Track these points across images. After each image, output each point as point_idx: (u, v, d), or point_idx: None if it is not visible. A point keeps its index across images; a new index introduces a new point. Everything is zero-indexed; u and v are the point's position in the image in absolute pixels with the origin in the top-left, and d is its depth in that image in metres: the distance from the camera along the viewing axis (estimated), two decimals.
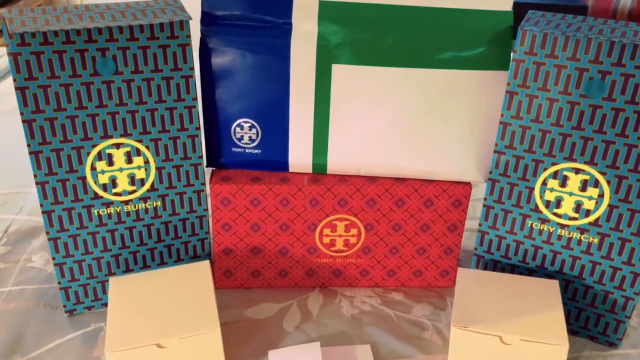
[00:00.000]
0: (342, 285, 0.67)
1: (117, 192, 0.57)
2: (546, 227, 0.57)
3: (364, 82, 0.57)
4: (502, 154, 0.56)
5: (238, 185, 0.60)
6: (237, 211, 0.61)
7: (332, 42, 0.56)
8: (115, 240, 0.59)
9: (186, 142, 0.58)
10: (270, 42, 0.57)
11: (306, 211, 0.62)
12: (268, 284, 0.66)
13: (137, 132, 0.56)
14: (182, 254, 0.63)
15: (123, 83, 0.53)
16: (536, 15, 0.54)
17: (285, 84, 0.58)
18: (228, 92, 0.59)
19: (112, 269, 0.61)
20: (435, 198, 0.62)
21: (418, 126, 0.59)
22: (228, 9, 0.57)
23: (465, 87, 0.57)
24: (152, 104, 0.55)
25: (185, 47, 0.54)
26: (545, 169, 0.55)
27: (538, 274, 0.60)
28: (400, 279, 0.67)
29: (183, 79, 0.55)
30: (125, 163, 0.56)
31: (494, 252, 0.61)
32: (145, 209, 0.59)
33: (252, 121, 0.60)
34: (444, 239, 0.64)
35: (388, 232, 0.63)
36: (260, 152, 0.61)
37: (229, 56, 0.57)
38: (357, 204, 0.61)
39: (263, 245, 0.63)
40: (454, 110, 0.58)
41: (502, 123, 0.55)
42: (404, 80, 0.57)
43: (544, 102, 0.53)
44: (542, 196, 0.56)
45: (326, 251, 0.64)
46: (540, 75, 0.52)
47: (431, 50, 0.56)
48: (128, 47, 0.52)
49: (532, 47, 0.51)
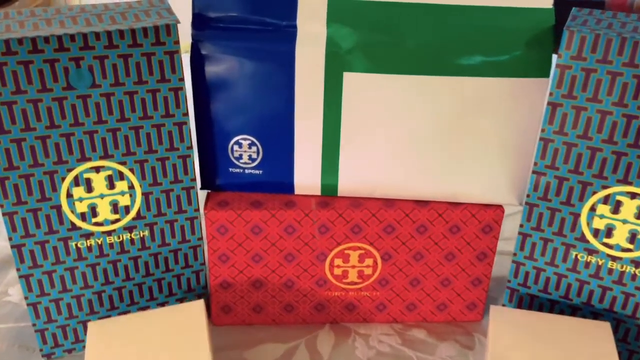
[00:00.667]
0: (356, 321, 0.59)
1: (98, 222, 0.50)
2: (594, 259, 0.49)
3: (380, 93, 0.50)
4: (542, 174, 0.48)
5: (236, 211, 0.52)
6: (235, 240, 0.54)
7: (343, 47, 0.49)
8: (97, 275, 0.52)
9: (176, 164, 0.50)
10: (272, 47, 0.49)
11: (314, 239, 0.54)
12: (272, 320, 0.58)
13: (119, 153, 0.48)
14: (174, 288, 0.56)
15: (101, 97, 0.46)
16: (583, 13, 0.47)
17: (289, 95, 0.50)
18: (224, 105, 0.51)
19: (94, 307, 0.53)
20: (462, 223, 0.54)
21: (443, 142, 0.51)
22: (223, 10, 0.50)
23: (498, 97, 0.49)
24: (136, 121, 0.48)
25: (173, 54, 0.46)
26: (594, 192, 0.47)
27: (583, 311, 0.52)
28: (421, 313, 0.59)
29: (171, 92, 0.48)
30: (106, 189, 0.49)
31: (530, 285, 0.53)
32: (131, 240, 0.52)
33: (252, 138, 0.52)
34: (471, 269, 0.56)
35: (408, 261, 0.56)
36: (262, 172, 0.54)
37: (225, 64, 0.50)
38: (372, 230, 0.54)
39: (266, 278, 0.56)
40: (484, 124, 0.50)
41: (542, 139, 0.47)
42: (426, 89, 0.49)
43: (595, 116, 0.45)
44: (589, 224, 0.48)
45: (337, 283, 0.57)
46: (590, 84, 0.44)
47: (458, 55, 0.48)
48: (106, 56, 0.45)
49: (580, 50, 0.43)
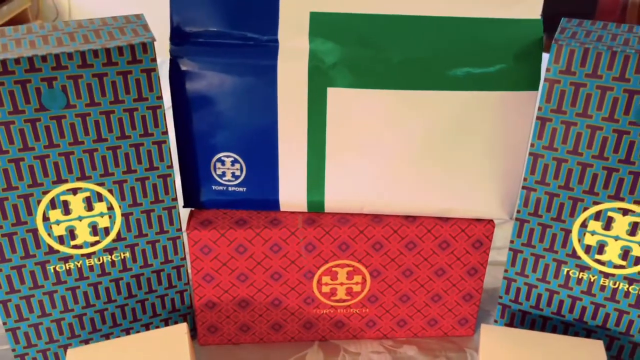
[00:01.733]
0: (345, 338, 0.58)
1: (77, 245, 0.49)
2: (586, 276, 0.48)
3: (365, 108, 0.48)
4: (532, 190, 0.47)
5: (220, 230, 0.51)
6: (219, 260, 0.52)
7: (326, 61, 0.47)
8: (77, 299, 0.51)
9: (157, 183, 0.49)
10: (254, 63, 0.48)
11: (301, 258, 0.53)
12: (259, 339, 0.57)
13: (97, 174, 0.47)
14: (158, 308, 0.54)
15: (77, 118, 0.44)
16: (572, 24, 0.45)
17: (272, 111, 0.49)
18: (205, 122, 0.50)
19: (75, 331, 0.52)
20: (452, 239, 0.53)
21: (430, 157, 0.50)
22: (202, 25, 0.48)
23: (486, 111, 0.48)
24: (114, 141, 0.46)
25: (150, 72, 0.45)
26: (585, 208, 0.46)
27: (576, 328, 0.51)
28: (412, 329, 0.58)
29: (149, 110, 0.46)
30: (84, 210, 0.48)
31: (522, 301, 0.52)
32: (112, 262, 0.50)
33: (235, 155, 0.51)
34: (462, 284, 0.55)
35: (397, 278, 0.54)
36: (246, 189, 0.52)
37: (205, 80, 0.48)
38: (360, 248, 0.52)
39: (252, 297, 0.54)
40: (472, 138, 0.49)
41: (532, 154, 0.46)
42: (412, 104, 0.48)
43: (585, 131, 0.43)
44: (581, 240, 0.47)
45: (326, 301, 0.55)
46: (580, 99, 0.43)
47: (444, 69, 0.47)
48: (80, 76, 0.43)
49: (569, 64, 0.42)
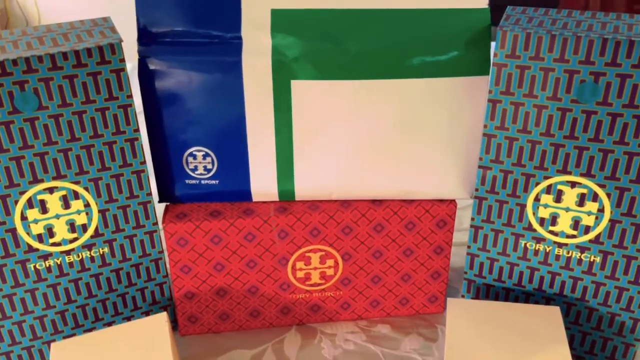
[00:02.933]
0: (321, 321, 0.60)
1: (56, 242, 0.50)
2: (542, 247, 0.51)
3: (328, 98, 0.51)
4: (488, 169, 0.50)
5: (195, 222, 0.53)
6: (196, 251, 0.54)
7: (289, 55, 0.50)
8: (58, 295, 0.52)
9: (131, 179, 0.51)
10: (219, 59, 0.50)
11: (275, 245, 0.55)
12: (239, 327, 0.59)
13: (72, 173, 0.48)
14: (139, 301, 0.56)
15: (50, 119, 0.46)
16: (516, 11, 0.48)
17: (239, 105, 0.51)
18: (175, 118, 0.52)
19: (58, 327, 0.53)
20: (417, 220, 0.55)
21: (393, 142, 0.52)
22: (168, 25, 0.50)
23: (442, 97, 0.51)
24: (87, 140, 0.48)
25: (119, 72, 0.47)
26: (537, 183, 0.49)
27: (536, 297, 0.54)
28: (385, 309, 0.60)
29: (121, 109, 0.48)
30: (61, 209, 0.49)
31: (485, 275, 0.55)
32: (91, 258, 0.52)
33: (206, 149, 0.53)
34: (430, 263, 0.58)
35: (368, 260, 0.57)
36: (218, 182, 0.55)
37: (174, 78, 0.50)
38: (331, 232, 0.55)
39: (229, 286, 0.57)
40: (431, 123, 0.52)
41: (485, 135, 0.49)
42: (373, 93, 0.50)
43: (532, 110, 0.47)
44: (535, 213, 0.50)
45: (301, 286, 0.58)
46: (526, 81, 0.46)
47: (401, 58, 0.50)
48: (51, 78, 0.45)
49: (514, 49, 0.45)
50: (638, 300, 0.50)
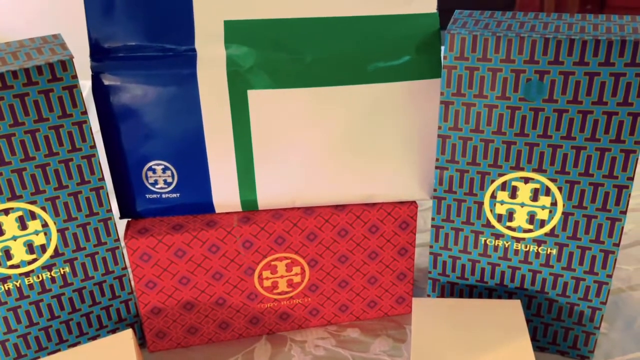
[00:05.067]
0: (291, 329, 0.60)
1: (14, 264, 0.49)
2: (501, 243, 0.53)
3: (285, 107, 0.51)
4: (444, 169, 0.51)
5: (157, 237, 0.53)
6: (160, 266, 0.54)
7: (243, 65, 0.50)
8: (19, 318, 0.51)
9: (90, 196, 0.50)
10: (174, 72, 0.50)
11: (240, 255, 0.55)
12: (208, 340, 0.59)
13: (27, 193, 0.48)
14: (104, 320, 0.55)
15: (1, 139, 0.45)
16: (463, 15, 0.50)
17: (197, 117, 0.51)
18: (132, 133, 0.51)
19: (21, 351, 0.52)
20: (380, 222, 0.56)
21: (351, 148, 0.53)
22: (121, 40, 0.50)
23: (396, 101, 0.52)
24: (42, 159, 0.47)
25: (72, 89, 0.46)
26: (492, 181, 0.50)
27: (499, 292, 0.55)
28: (354, 312, 0.61)
29: (75, 126, 0.48)
30: (18, 230, 0.48)
31: (449, 273, 0.56)
32: (52, 278, 0.51)
33: (165, 162, 0.53)
34: (395, 265, 0.59)
35: (334, 265, 0.58)
36: (179, 195, 0.54)
37: (129, 93, 0.50)
38: (296, 240, 0.55)
39: (196, 299, 0.56)
40: (388, 127, 0.53)
41: (440, 136, 0.50)
42: (328, 100, 0.51)
43: (483, 110, 0.48)
44: (492, 210, 0.51)
45: (269, 295, 0.58)
46: (475, 81, 0.47)
47: (355, 65, 0.50)
48: (1, 98, 0.44)
49: (462, 51, 0.46)
50: (594, 290, 0.52)
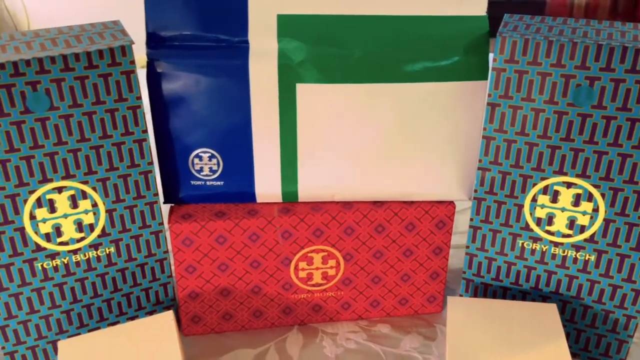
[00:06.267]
0: (322, 321, 0.61)
1: (63, 241, 0.51)
2: (539, 246, 0.53)
3: (332, 102, 0.52)
4: (486, 170, 0.52)
5: (200, 222, 0.54)
6: (201, 251, 0.55)
7: (294, 59, 0.51)
8: (64, 294, 0.53)
9: (138, 180, 0.51)
10: (226, 63, 0.51)
11: (278, 245, 0.56)
12: (241, 327, 0.60)
13: (81, 172, 0.49)
14: (143, 301, 0.57)
15: (60, 119, 0.47)
16: (514, 19, 0.50)
17: (245, 107, 0.52)
18: (182, 120, 0.53)
19: (63, 326, 0.54)
20: (417, 221, 0.57)
21: (394, 145, 0.54)
22: (176, 29, 0.51)
23: (442, 101, 0.52)
24: (97, 141, 0.49)
25: (129, 74, 0.48)
26: (534, 184, 0.51)
27: (532, 295, 0.56)
28: (385, 308, 0.62)
29: (130, 110, 0.49)
30: (70, 208, 0.50)
31: (484, 274, 0.57)
32: (97, 257, 0.53)
33: (212, 151, 0.54)
34: (429, 263, 0.59)
35: (369, 260, 0.58)
36: (223, 183, 0.56)
37: (181, 81, 0.52)
38: (333, 233, 0.56)
39: (233, 286, 0.57)
40: (431, 126, 0.53)
41: (484, 137, 0.51)
42: (375, 97, 0.52)
43: (529, 113, 0.48)
44: (532, 213, 0.52)
45: (303, 286, 0.59)
46: (524, 85, 0.48)
47: (403, 63, 0.51)
48: (63, 79, 0.46)
49: (512, 54, 0.47)
50: (631, 298, 0.52)
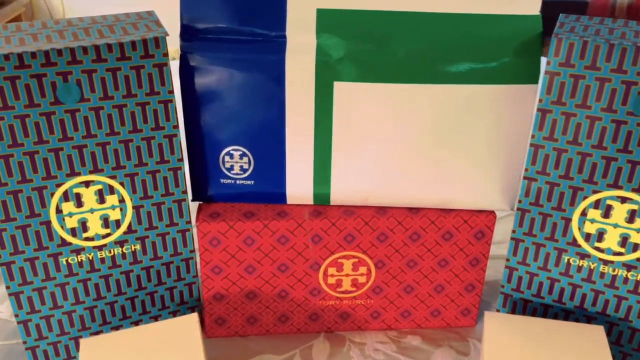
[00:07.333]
0: (350, 330, 0.59)
1: (89, 237, 0.49)
2: (586, 263, 0.50)
3: (371, 102, 0.50)
4: (533, 180, 0.49)
5: (229, 222, 0.52)
6: (228, 252, 0.53)
7: (333, 56, 0.49)
8: (88, 291, 0.51)
9: (167, 176, 0.50)
10: (262, 58, 0.49)
11: (308, 249, 0.54)
12: (266, 331, 0.58)
13: (109, 167, 0.48)
14: (167, 301, 0.55)
15: (90, 111, 0.45)
16: (570, 19, 0.47)
17: (280, 105, 0.50)
18: (214, 116, 0.51)
19: (86, 323, 0.53)
20: (455, 230, 0.54)
21: (434, 149, 0.51)
22: (212, 22, 0.49)
23: (488, 104, 0.49)
24: (126, 135, 0.47)
25: (162, 67, 0.46)
26: (585, 197, 0.47)
27: (576, 315, 0.52)
28: (416, 320, 0.59)
29: (161, 104, 0.47)
30: (96, 203, 0.49)
31: (524, 290, 0.53)
32: (123, 254, 0.51)
33: (243, 149, 0.52)
34: (464, 275, 0.56)
35: (402, 269, 0.56)
36: (254, 183, 0.54)
37: (215, 75, 0.50)
38: (365, 239, 0.54)
39: (259, 289, 0.55)
40: (475, 131, 0.50)
41: (532, 145, 0.48)
42: (416, 98, 0.49)
43: (584, 121, 0.45)
44: (581, 228, 0.49)
45: (332, 292, 0.56)
46: (579, 90, 0.44)
47: (447, 63, 0.48)
48: (94, 70, 0.44)
49: (568, 57, 0.44)
50: None
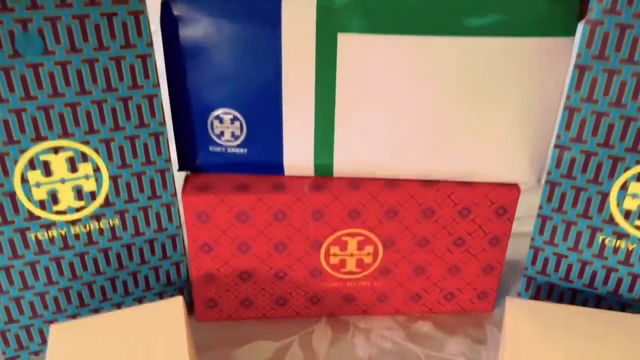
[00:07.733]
0: (355, 313, 0.54)
1: (60, 210, 0.44)
2: (624, 244, 0.44)
3: (380, 57, 0.43)
4: (566, 149, 0.42)
5: (219, 195, 0.46)
6: (218, 228, 0.48)
7: (337, 2, 0.42)
8: (62, 270, 0.46)
9: (148, 142, 0.44)
10: (255, 6, 0.43)
11: (308, 226, 0.48)
12: (262, 315, 0.53)
13: (80, 131, 0.42)
14: (151, 281, 0.50)
15: (56, 66, 0.39)
16: None
17: (276, 61, 0.44)
18: (201, 74, 0.45)
19: (61, 305, 0.48)
20: (473, 205, 0.48)
21: (452, 113, 0.45)
22: None
23: (515, 61, 0.43)
24: (99, 94, 0.41)
25: (138, 15, 0.40)
26: (626, 168, 0.41)
27: (610, 301, 0.46)
28: (427, 303, 0.53)
29: (139, 59, 0.41)
30: (67, 172, 0.43)
31: (550, 273, 0.48)
32: (100, 230, 0.46)
33: (235, 112, 0.46)
34: (483, 255, 0.51)
35: (412, 248, 0.50)
36: (247, 151, 0.48)
37: (201, 26, 0.43)
38: (372, 215, 0.48)
39: (254, 269, 0.50)
40: (499, 92, 0.44)
41: (567, 108, 0.41)
42: (433, 52, 0.43)
43: (630, 79, 0.38)
44: (620, 204, 0.42)
45: (334, 273, 0.51)
46: (626, 43, 0.38)
47: (468, 12, 0.42)
48: (59, 17, 0.38)
49: (614, 3, 0.37)
50: None
